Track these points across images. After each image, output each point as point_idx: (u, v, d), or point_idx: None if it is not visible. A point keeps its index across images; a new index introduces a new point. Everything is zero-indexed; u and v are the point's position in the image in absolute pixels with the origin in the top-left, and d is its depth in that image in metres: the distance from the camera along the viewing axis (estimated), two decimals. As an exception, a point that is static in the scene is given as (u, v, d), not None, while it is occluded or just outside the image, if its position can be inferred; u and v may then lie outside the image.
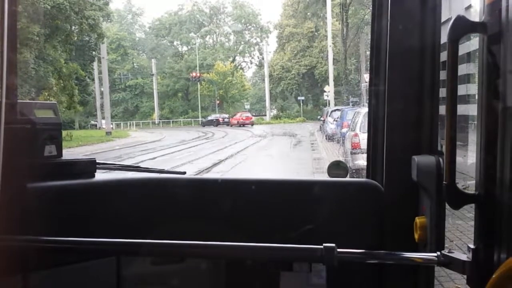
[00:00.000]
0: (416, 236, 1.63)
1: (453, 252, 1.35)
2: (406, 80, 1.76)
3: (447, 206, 1.50)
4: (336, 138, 19.04)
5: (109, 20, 33.94)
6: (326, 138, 22.88)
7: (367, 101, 2.19)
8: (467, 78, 9.00)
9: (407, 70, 1.75)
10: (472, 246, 1.26)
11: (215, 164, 16.15)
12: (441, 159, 1.58)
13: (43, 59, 26.97)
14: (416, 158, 1.63)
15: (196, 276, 2.00)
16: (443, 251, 1.38)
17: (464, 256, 1.30)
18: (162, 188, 2.07)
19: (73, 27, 29.32)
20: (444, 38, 1.28)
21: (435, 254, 1.40)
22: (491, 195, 1.19)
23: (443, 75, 1.36)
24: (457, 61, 1.23)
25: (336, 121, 20.50)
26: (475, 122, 1.26)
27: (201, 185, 2.20)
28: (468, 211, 7.39)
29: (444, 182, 1.25)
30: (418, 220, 1.63)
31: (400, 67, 1.77)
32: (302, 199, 1.99)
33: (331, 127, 21.72)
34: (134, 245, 1.67)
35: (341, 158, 11.85)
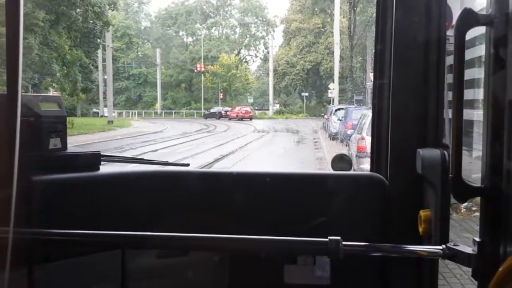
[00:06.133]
0: (420, 229, 1.62)
1: (458, 245, 1.34)
2: (411, 73, 1.74)
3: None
4: (340, 138, 18.97)
5: (115, 9, 33.67)
6: (330, 137, 22.79)
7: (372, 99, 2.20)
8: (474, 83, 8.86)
9: (412, 63, 1.74)
10: (477, 239, 1.26)
11: (217, 160, 16.07)
12: (446, 152, 1.58)
13: (47, 45, 26.84)
14: (421, 151, 1.63)
15: (200, 269, 2.00)
16: (448, 244, 1.37)
17: (469, 249, 1.29)
18: (167, 181, 2.06)
19: (78, 14, 29.15)
20: None
21: (440, 247, 1.38)
22: (497, 188, 1.19)
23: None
24: (464, 54, 1.22)
25: (340, 120, 20.38)
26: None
27: (206, 178, 2.19)
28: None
29: (450, 175, 1.24)
30: (422, 213, 1.62)
31: (405, 60, 1.75)
32: (306, 192, 1.97)
33: (335, 126, 21.60)
34: (139, 238, 1.66)
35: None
